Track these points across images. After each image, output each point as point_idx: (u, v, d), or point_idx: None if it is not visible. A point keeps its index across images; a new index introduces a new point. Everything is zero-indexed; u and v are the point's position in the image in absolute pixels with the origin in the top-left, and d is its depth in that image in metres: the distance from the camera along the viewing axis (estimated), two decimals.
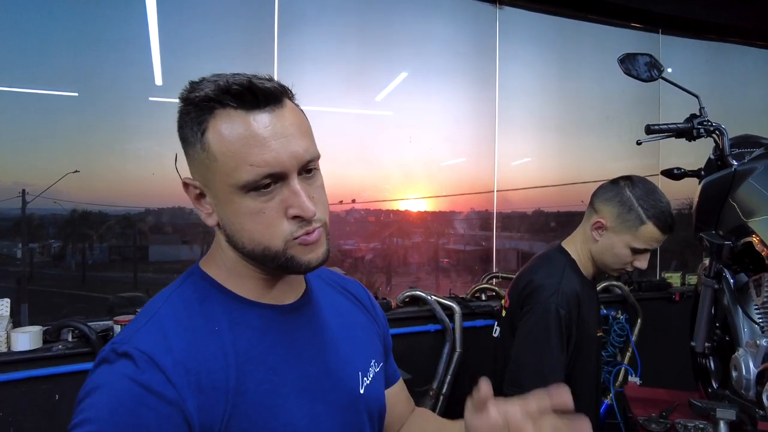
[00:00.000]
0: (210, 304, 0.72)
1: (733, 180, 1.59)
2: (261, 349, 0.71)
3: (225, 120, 0.65)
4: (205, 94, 0.66)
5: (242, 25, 2.67)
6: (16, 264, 2.37)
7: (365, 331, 0.91)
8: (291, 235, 0.68)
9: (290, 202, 0.67)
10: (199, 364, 0.65)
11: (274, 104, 0.67)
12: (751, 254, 1.49)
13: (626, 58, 1.73)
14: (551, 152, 3.51)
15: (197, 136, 0.67)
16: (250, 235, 0.69)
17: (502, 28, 3.21)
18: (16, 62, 2.26)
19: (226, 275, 0.74)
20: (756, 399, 1.41)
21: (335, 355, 0.80)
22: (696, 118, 1.70)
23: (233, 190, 0.66)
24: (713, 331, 1.81)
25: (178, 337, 0.66)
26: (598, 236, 1.49)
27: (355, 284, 0.99)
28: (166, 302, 0.71)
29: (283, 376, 0.72)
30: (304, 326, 0.78)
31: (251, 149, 0.64)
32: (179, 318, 0.69)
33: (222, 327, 0.70)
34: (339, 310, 0.88)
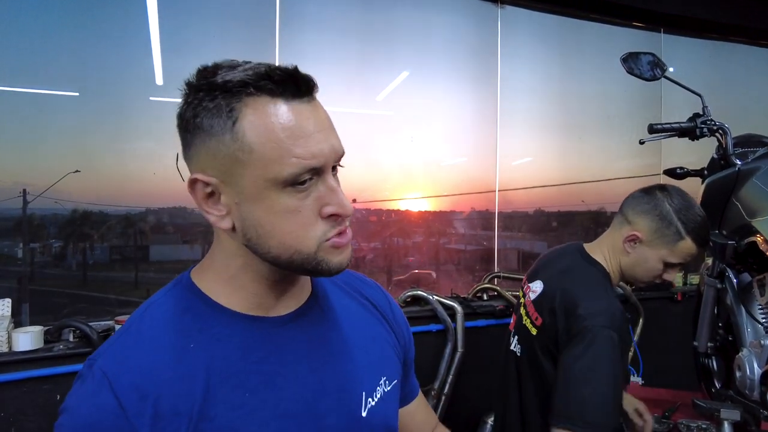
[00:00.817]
0: (189, 319, 0.65)
1: (737, 179, 1.58)
2: (241, 368, 0.64)
3: (264, 108, 0.59)
4: (239, 79, 0.59)
5: (243, 25, 2.67)
6: (17, 264, 2.37)
7: (378, 344, 0.80)
8: (324, 236, 0.63)
9: (327, 200, 0.63)
10: (160, 388, 0.60)
11: (311, 95, 0.63)
12: (755, 254, 1.48)
13: (629, 57, 1.72)
14: (553, 152, 3.50)
15: (226, 125, 0.59)
16: (281, 238, 0.62)
17: (504, 27, 3.20)
18: (16, 62, 2.25)
19: (222, 285, 0.68)
20: (760, 399, 1.40)
21: (335, 373, 0.71)
22: (699, 117, 1.70)
23: (269, 185, 0.60)
24: (716, 331, 1.80)
25: (143, 356, 0.62)
26: (630, 249, 1.40)
27: (375, 289, 0.88)
28: (143, 315, 0.66)
29: (264, 399, 0.64)
30: (299, 340, 0.70)
31: (297, 140, 0.59)
32: (152, 333, 0.64)
33: (197, 344, 0.63)
34: (348, 320, 0.78)
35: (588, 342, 1.23)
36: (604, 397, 1.20)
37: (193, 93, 0.62)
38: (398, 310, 0.88)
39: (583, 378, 1.21)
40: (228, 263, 0.68)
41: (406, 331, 0.88)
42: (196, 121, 0.61)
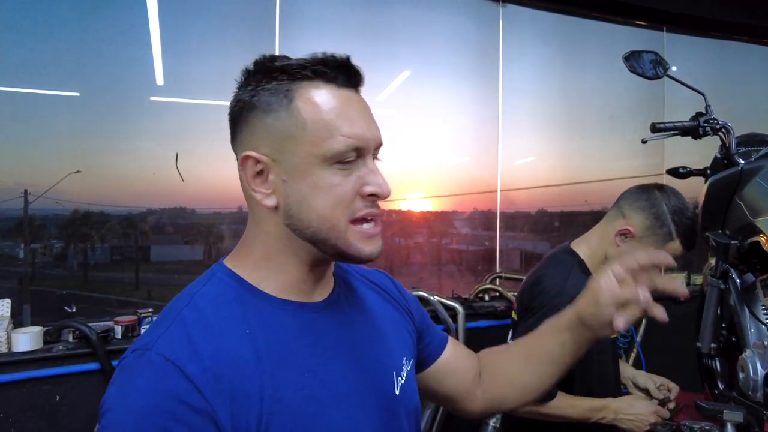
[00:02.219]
0: (239, 305, 0.68)
1: (740, 179, 1.57)
2: (295, 351, 0.67)
3: (317, 90, 0.67)
4: (298, 63, 0.67)
5: (243, 25, 2.67)
6: (18, 264, 2.37)
7: (396, 327, 0.86)
8: (355, 212, 0.67)
9: (367, 179, 0.68)
10: (230, 371, 0.61)
11: (358, 86, 0.71)
12: (758, 254, 1.47)
13: (631, 55, 1.71)
14: (555, 151, 3.49)
15: (282, 103, 0.66)
16: (321, 211, 0.66)
17: (506, 26, 3.19)
18: (17, 63, 2.26)
19: (259, 271, 0.71)
20: (763, 400, 1.39)
21: (368, 356, 0.76)
22: (702, 116, 1.68)
23: (317, 161, 0.65)
24: (719, 331, 1.79)
25: (205, 342, 0.62)
26: (620, 242, 1.43)
27: (379, 274, 0.93)
28: (189, 304, 0.67)
29: (321, 381, 0.68)
30: (338, 324, 0.75)
31: (344, 121, 0.66)
32: (205, 321, 0.64)
33: (254, 329, 0.66)
34: (367, 306, 0.83)
35: (539, 316, 1.32)
36: None
37: (251, 77, 0.69)
38: (403, 288, 0.94)
39: None
40: (268, 246, 0.71)
41: (413, 305, 0.93)
42: (254, 101, 0.67)
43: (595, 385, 1.47)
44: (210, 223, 2.73)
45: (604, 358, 1.48)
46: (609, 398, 1.44)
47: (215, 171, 2.62)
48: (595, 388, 1.47)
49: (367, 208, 0.68)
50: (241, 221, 2.76)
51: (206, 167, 2.60)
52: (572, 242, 1.56)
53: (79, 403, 2.05)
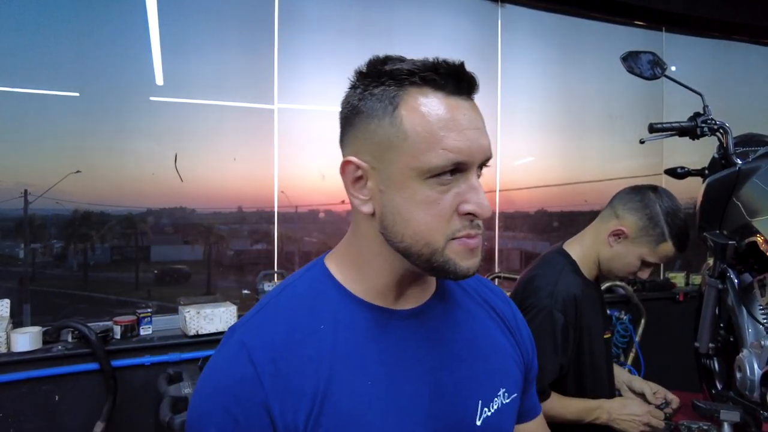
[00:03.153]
0: (321, 301, 0.68)
1: (738, 179, 1.57)
2: (364, 355, 0.66)
3: (424, 98, 0.62)
4: (407, 68, 0.62)
5: (243, 25, 2.67)
6: (18, 264, 2.37)
7: (500, 354, 0.78)
8: (455, 232, 0.63)
9: (467, 197, 0.63)
10: (292, 367, 0.63)
11: (471, 93, 0.65)
12: (756, 254, 1.47)
13: (629, 56, 1.71)
14: (554, 151, 3.49)
15: (387, 110, 0.62)
16: (416, 228, 0.63)
17: (505, 26, 3.19)
18: (17, 63, 2.26)
19: (353, 272, 0.70)
20: (760, 400, 1.39)
21: (452, 376, 0.71)
22: (700, 117, 1.69)
23: (414, 174, 0.61)
24: (717, 331, 1.79)
25: (278, 333, 0.65)
26: (613, 242, 1.44)
27: (501, 298, 0.85)
28: (280, 294, 0.70)
29: (383, 389, 0.65)
30: (422, 337, 0.70)
31: (448, 133, 0.61)
32: (286, 313, 0.67)
33: (327, 326, 0.66)
34: (471, 324, 0.77)
35: (530, 318, 1.32)
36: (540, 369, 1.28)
37: (361, 80, 0.66)
38: (523, 323, 0.86)
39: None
40: (362, 250, 0.70)
41: (530, 345, 0.86)
42: (360, 105, 0.65)
43: (588, 384, 1.47)
44: (210, 223, 2.73)
45: (597, 357, 1.48)
46: (603, 399, 1.44)
47: (215, 171, 2.62)
48: (589, 387, 1.48)
49: (466, 228, 0.63)
50: (241, 221, 2.77)
51: (206, 167, 2.60)
52: (565, 243, 1.56)
53: (78, 403, 2.05)
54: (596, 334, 1.49)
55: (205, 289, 2.68)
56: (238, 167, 2.65)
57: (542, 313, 1.36)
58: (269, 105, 2.67)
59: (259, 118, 2.67)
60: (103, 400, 2.05)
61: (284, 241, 2.75)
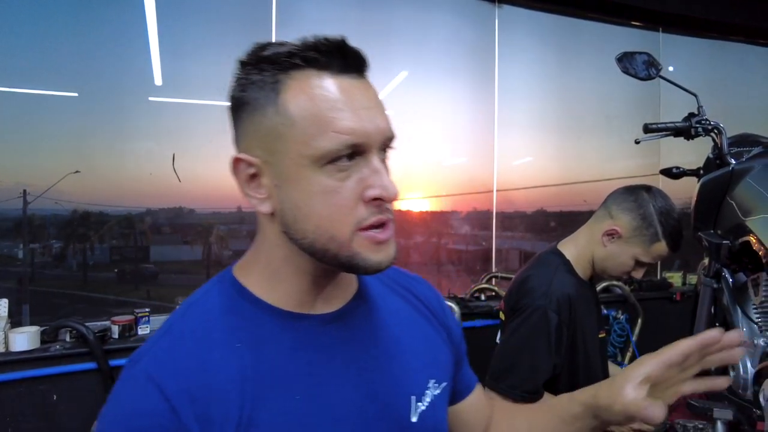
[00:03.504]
0: (234, 317, 0.62)
1: (731, 179, 1.58)
2: (290, 370, 0.61)
3: (309, 80, 0.58)
4: (286, 50, 0.58)
5: (240, 25, 2.68)
6: (17, 264, 2.38)
7: (428, 345, 0.76)
8: (360, 222, 0.59)
9: (370, 182, 0.59)
10: (209, 392, 0.57)
11: (361, 72, 0.61)
12: (749, 253, 1.48)
13: (624, 56, 1.72)
14: (551, 152, 3.50)
15: (269, 97, 0.58)
16: (317, 221, 0.58)
17: (502, 26, 3.20)
18: (16, 63, 2.26)
19: (265, 280, 0.65)
20: (753, 399, 1.40)
21: (384, 376, 0.68)
22: (694, 117, 1.70)
23: (308, 162, 0.57)
24: None
25: (189, 357, 0.58)
26: (607, 242, 1.45)
27: (424, 286, 0.83)
28: (185, 314, 0.64)
29: (315, 403, 0.61)
30: (347, 340, 0.67)
31: (339, 114, 0.56)
32: (198, 334, 0.60)
33: (245, 344, 0.61)
34: (397, 319, 0.74)
35: (524, 317, 1.37)
36: (532, 368, 1.34)
37: (242, 69, 0.61)
38: (448, 309, 0.84)
39: (516, 348, 1.37)
40: (271, 256, 0.65)
41: (455, 327, 0.83)
42: (243, 96, 0.60)
43: (581, 384, 1.47)
44: (209, 223, 2.74)
45: (591, 357, 1.49)
46: None
47: (214, 171, 2.63)
48: (583, 384, 1.48)
49: (374, 215, 0.59)
50: (240, 221, 2.78)
51: (205, 167, 2.61)
52: (559, 243, 1.57)
53: (76, 403, 2.05)
54: (590, 334, 1.50)
55: None
56: None
57: (537, 313, 1.36)
58: None
59: None
60: (101, 400, 2.06)
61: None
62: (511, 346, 1.38)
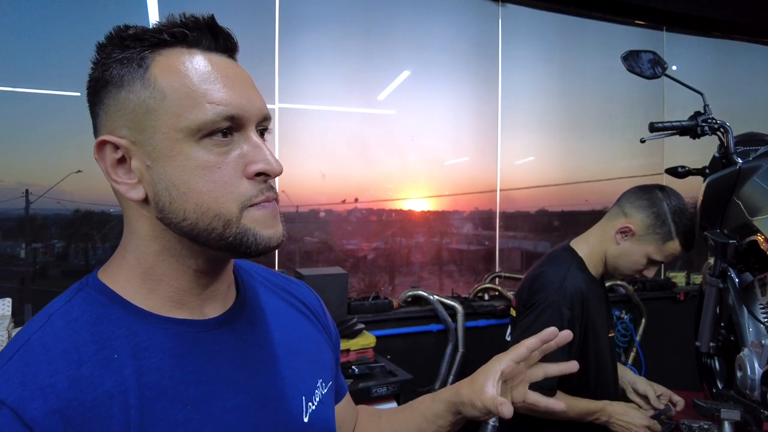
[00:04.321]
0: (107, 326, 0.56)
1: (738, 178, 1.57)
2: (177, 379, 0.57)
3: (179, 56, 0.56)
4: (154, 27, 0.56)
5: (243, 24, 2.67)
6: (19, 264, 2.38)
7: (313, 346, 0.76)
8: (249, 199, 0.57)
9: (251, 157, 0.57)
10: (86, 410, 0.50)
11: (232, 51, 0.60)
12: (756, 253, 1.47)
13: (629, 55, 1.71)
14: (555, 151, 3.50)
15: (137, 73, 0.55)
16: (198, 199, 0.55)
17: (505, 25, 3.20)
18: (18, 63, 2.27)
19: (137, 283, 0.59)
20: (761, 399, 1.39)
21: (273, 379, 0.66)
22: (700, 116, 1.69)
23: (183, 136, 0.54)
24: (718, 330, 1.79)
25: (55, 375, 0.51)
26: (620, 240, 1.46)
27: (304, 289, 0.83)
28: (43, 327, 0.55)
29: (207, 412, 0.58)
30: (233, 345, 0.63)
31: (213, 85, 0.55)
32: (63, 347, 0.53)
33: (122, 355, 0.55)
34: (281, 322, 0.72)
35: (539, 312, 1.38)
36: None
37: (102, 50, 0.58)
38: (328, 312, 0.85)
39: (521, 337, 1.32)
40: (142, 252, 0.59)
41: (334, 330, 0.84)
42: (104, 76, 0.56)
43: (592, 381, 1.48)
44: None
45: (601, 354, 1.49)
46: (606, 401, 1.45)
47: None
48: (592, 384, 1.49)
49: (262, 192, 0.57)
50: None
51: None
52: (572, 241, 1.57)
53: None
54: (601, 332, 1.51)
55: None
56: None
57: (550, 309, 1.38)
58: (270, 105, 2.68)
59: None
60: None
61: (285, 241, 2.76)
62: None
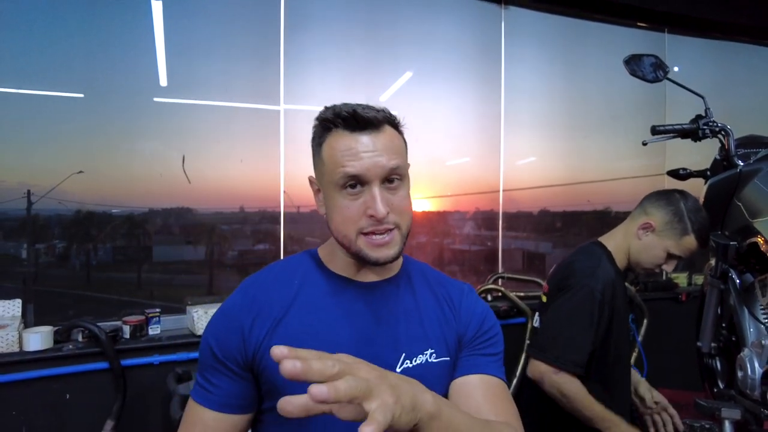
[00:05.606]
0: (301, 268, 0.97)
1: (739, 180, 1.59)
2: (318, 304, 0.92)
3: (335, 136, 0.87)
4: (326, 116, 0.88)
5: (248, 26, 2.68)
6: (21, 264, 2.39)
7: (435, 324, 0.96)
8: (362, 229, 0.87)
9: (369, 204, 0.86)
10: (264, 303, 0.91)
11: (372, 128, 0.87)
12: (757, 254, 1.49)
13: (632, 59, 1.73)
14: (557, 152, 3.51)
15: (317, 147, 0.91)
16: (338, 224, 0.89)
17: (508, 27, 3.21)
18: (22, 65, 2.27)
19: (331, 254, 0.97)
20: (761, 398, 1.41)
21: (386, 332, 0.91)
22: (701, 119, 1.71)
23: (333, 187, 0.87)
24: (719, 331, 1.81)
25: (264, 283, 0.95)
26: (642, 235, 1.61)
27: (456, 288, 1.02)
28: (280, 261, 1.01)
29: (326, 327, 0.89)
30: (370, 301, 0.93)
31: (346, 157, 0.85)
32: (276, 271, 0.97)
33: (297, 282, 0.94)
34: (417, 300, 0.97)
35: (572, 294, 1.52)
36: (576, 341, 1.48)
37: (315, 123, 0.92)
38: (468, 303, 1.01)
39: (562, 321, 1.51)
40: (331, 241, 0.97)
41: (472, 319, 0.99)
42: (313, 145, 0.93)
43: (609, 367, 1.58)
44: (212, 223, 2.75)
45: (621, 339, 1.61)
46: (621, 419, 1.50)
47: (218, 171, 2.64)
48: (609, 371, 1.58)
49: (372, 225, 0.86)
50: (243, 221, 2.79)
51: (208, 167, 2.62)
52: (600, 237, 1.72)
53: (88, 401, 2.07)
54: (623, 321, 1.64)
55: (207, 289, 2.70)
56: (242, 167, 2.67)
57: (582, 291, 1.51)
58: (275, 106, 2.69)
59: (265, 119, 2.69)
60: (112, 399, 2.08)
61: (287, 241, 2.78)
62: (557, 319, 1.53)
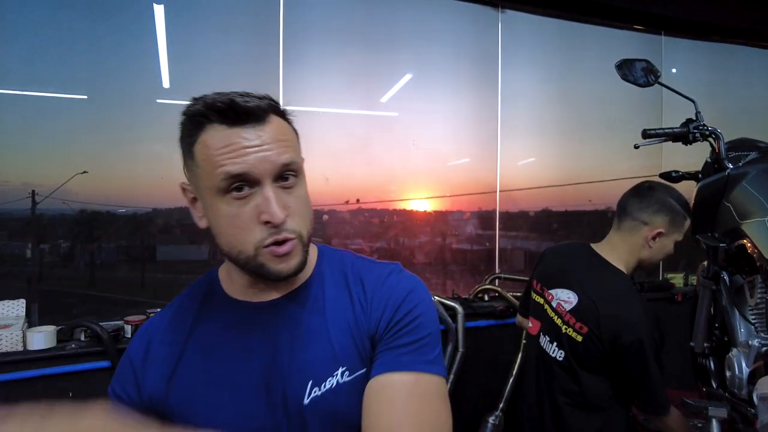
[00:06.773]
0: (199, 299, 0.86)
1: (727, 183, 1.62)
2: (215, 341, 0.80)
3: (209, 133, 0.72)
4: (196, 109, 0.73)
5: (247, 29, 2.71)
6: (25, 264, 2.41)
7: (347, 334, 0.80)
8: (261, 242, 0.73)
9: (262, 208, 0.72)
10: (160, 344, 0.82)
11: (255, 121, 0.72)
12: (745, 256, 1.52)
13: (623, 64, 1.76)
14: (554, 153, 3.53)
15: (188, 147, 0.75)
16: (227, 239, 0.74)
17: (505, 30, 3.24)
18: (26, 67, 2.30)
19: (226, 274, 0.85)
20: (748, 398, 1.44)
21: (289, 362, 0.77)
22: (692, 123, 1.74)
23: (212, 193, 0.73)
24: (712, 331, 1.83)
25: (162, 320, 0.86)
26: (653, 243, 1.63)
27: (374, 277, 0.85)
28: (186, 289, 0.90)
29: (225, 369, 0.78)
30: (270, 330, 0.79)
31: (225, 155, 0.70)
32: (177, 305, 0.87)
33: (192, 318, 0.84)
34: (325, 313, 0.81)
35: (634, 352, 1.51)
36: (662, 386, 1.54)
37: (182, 119, 0.76)
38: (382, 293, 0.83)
39: (652, 376, 1.52)
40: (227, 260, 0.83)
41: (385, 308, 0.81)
42: (182, 146, 0.77)
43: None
44: None
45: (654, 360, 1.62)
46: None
47: None
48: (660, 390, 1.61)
49: (272, 235, 0.72)
50: None
51: None
52: (599, 250, 1.70)
53: (91, 400, 2.09)
54: None
55: None
56: None
57: (642, 345, 1.51)
58: None
59: None
60: None
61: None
62: (648, 376, 1.53)
